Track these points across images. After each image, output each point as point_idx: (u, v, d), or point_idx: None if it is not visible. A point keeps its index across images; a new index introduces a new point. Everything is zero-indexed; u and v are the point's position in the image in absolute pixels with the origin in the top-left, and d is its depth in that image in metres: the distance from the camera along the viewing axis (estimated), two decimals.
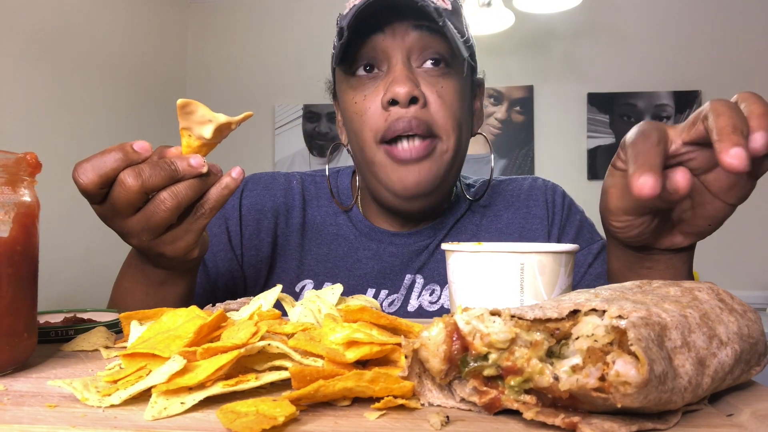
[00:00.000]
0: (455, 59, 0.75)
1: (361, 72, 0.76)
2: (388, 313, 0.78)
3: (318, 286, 0.82)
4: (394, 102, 0.72)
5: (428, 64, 0.74)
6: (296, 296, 0.83)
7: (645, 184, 0.43)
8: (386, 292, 0.83)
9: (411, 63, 0.74)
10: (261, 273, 0.86)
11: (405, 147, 0.73)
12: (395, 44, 0.73)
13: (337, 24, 0.74)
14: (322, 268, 0.84)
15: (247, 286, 0.86)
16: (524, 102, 2.82)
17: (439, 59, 0.74)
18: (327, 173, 0.88)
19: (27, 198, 0.45)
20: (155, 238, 0.56)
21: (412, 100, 0.72)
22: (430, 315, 0.81)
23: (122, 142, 0.55)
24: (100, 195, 0.54)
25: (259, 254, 0.85)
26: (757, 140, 0.44)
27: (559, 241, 0.87)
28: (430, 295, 0.82)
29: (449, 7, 0.74)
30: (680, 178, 0.48)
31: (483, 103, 0.88)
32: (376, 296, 0.82)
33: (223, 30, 3.01)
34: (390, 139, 0.74)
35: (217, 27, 3.02)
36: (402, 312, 0.82)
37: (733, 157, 0.42)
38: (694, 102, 2.67)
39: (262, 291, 0.81)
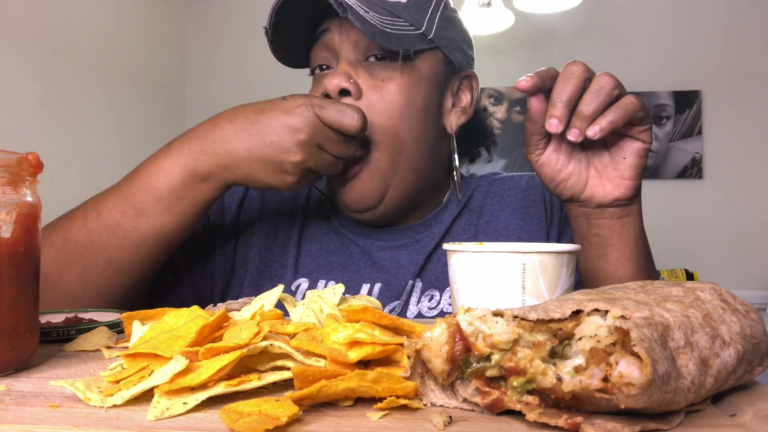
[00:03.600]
0: (407, 51, 0.73)
1: (317, 71, 0.77)
2: None
3: (313, 285, 0.81)
4: (327, 96, 0.71)
5: (371, 59, 0.73)
6: (293, 294, 0.82)
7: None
8: (380, 285, 0.81)
9: (357, 57, 0.73)
10: (256, 261, 0.84)
11: None
12: (342, 40, 0.73)
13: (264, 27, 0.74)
14: (315, 265, 0.83)
15: (249, 273, 0.84)
16: (524, 102, 2.81)
17: (383, 55, 0.73)
18: None
19: (29, 198, 0.45)
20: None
21: (342, 92, 0.71)
22: (430, 321, 0.79)
23: (122, 141, 0.56)
24: None
25: (248, 253, 0.84)
26: (552, 125, 0.59)
27: (558, 240, 0.86)
28: (429, 300, 0.81)
29: (404, 0, 0.73)
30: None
31: (473, 98, 0.84)
32: (370, 292, 0.81)
33: (223, 30, 3.01)
34: None
35: (217, 27, 3.02)
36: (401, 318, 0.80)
37: (549, 125, 0.59)
38: (694, 102, 2.67)
39: (258, 282, 0.82)
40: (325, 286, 0.78)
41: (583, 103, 0.58)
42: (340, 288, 0.57)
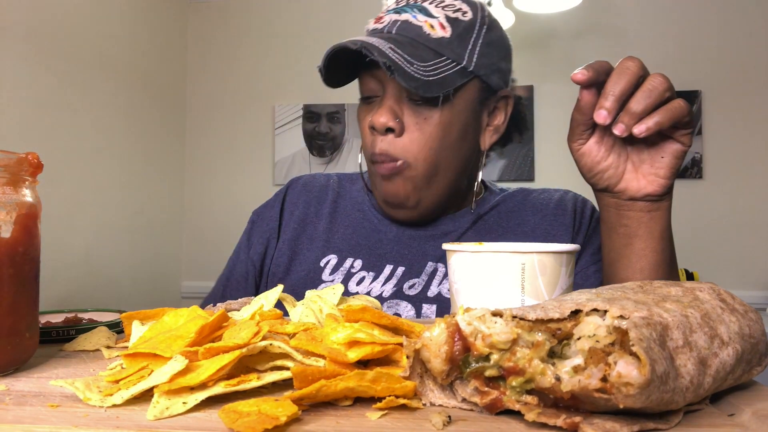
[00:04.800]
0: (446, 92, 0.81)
1: (364, 93, 0.86)
2: (409, 296, 0.85)
3: (341, 261, 0.89)
4: (373, 128, 0.81)
5: (414, 97, 0.81)
6: (320, 271, 0.89)
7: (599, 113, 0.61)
8: (403, 269, 0.87)
9: (403, 94, 0.81)
10: (284, 253, 0.94)
11: (379, 165, 0.82)
12: (388, 78, 0.81)
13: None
14: (345, 245, 0.91)
15: (272, 266, 0.94)
16: (524, 102, 2.82)
17: (419, 98, 0.80)
18: (360, 160, 0.95)
19: (28, 198, 0.45)
20: None
21: (389, 130, 0.81)
22: (447, 301, 0.84)
23: (122, 141, 0.56)
24: None
25: (283, 237, 0.95)
26: (600, 116, 0.60)
27: (583, 250, 0.89)
28: None
29: (447, 34, 0.80)
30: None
31: (506, 116, 0.92)
32: (393, 273, 0.87)
33: (223, 30, 3.01)
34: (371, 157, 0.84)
35: (217, 27, 3.02)
36: (422, 296, 0.85)
37: (597, 115, 0.61)
38: (694, 102, 2.67)
39: (287, 268, 0.91)
40: (352, 265, 0.88)
41: (634, 101, 0.60)
42: (340, 288, 0.57)
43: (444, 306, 0.83)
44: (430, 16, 0.82)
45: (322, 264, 0.89)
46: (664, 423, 0.32)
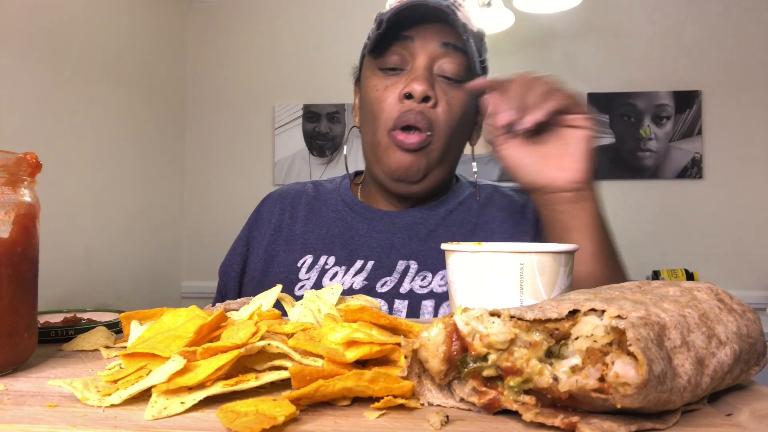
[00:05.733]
0: (469, 75, 0.87)
1: (388, 64, 0.88)
2: (382, 293, 0.88)
3: (316, 259, 0.92)
4: (409, 96, 0.84)
5: (446, 74, 0.87)
6: (297, 271, 0.92)
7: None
8: (372, 263, 0.91)
9: (432, 69, 0.87)
10: (261, 258, 0.98)
11: (407, 135, 0.86)
12: (423, 50, 0.86)
13: (377, 17, 0.88)
14: (320, 245, 0.95)
15: (251, 270, 0.99)
16: None
17: (454, 75, 0.87)
18: (344, 151, 1.07)
19: (27, 198, 0.45)
20: None
21: (425, 98, 0.84)
22: (420, 297, 0.87)
23: (121, 141, 0.56)
24: None
25: (258, 246, 0.99)
26: (500, 120, 0.68)
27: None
28: (422, 280, 0.89)
29: (474, 29, 0.90)
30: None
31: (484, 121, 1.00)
32: (363, 267, 0.91)
33: (223, 30, 3.01)
34: (400, 127, 0.86)
35: (217, 27, 3.02)
36: (394, 292, 0.88)
37: (498, 120, 0.68)
38: (694, 102, 2.67)
39: (265, 271, 0.95)
40: (326, 262, 0.92)
41: (523, 99, 0.68)
42: (338, 288, 0.57)
43: (415, 302, 0.86)
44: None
45: (299, 264, 0.93)
46: (661, 423, 0.32)
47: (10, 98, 1.81)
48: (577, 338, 0.32)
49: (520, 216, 0.97)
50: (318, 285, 0.89)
